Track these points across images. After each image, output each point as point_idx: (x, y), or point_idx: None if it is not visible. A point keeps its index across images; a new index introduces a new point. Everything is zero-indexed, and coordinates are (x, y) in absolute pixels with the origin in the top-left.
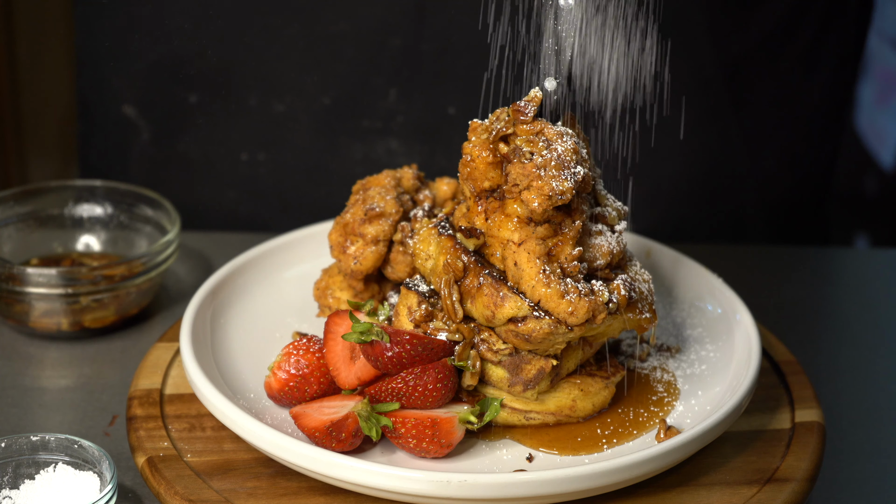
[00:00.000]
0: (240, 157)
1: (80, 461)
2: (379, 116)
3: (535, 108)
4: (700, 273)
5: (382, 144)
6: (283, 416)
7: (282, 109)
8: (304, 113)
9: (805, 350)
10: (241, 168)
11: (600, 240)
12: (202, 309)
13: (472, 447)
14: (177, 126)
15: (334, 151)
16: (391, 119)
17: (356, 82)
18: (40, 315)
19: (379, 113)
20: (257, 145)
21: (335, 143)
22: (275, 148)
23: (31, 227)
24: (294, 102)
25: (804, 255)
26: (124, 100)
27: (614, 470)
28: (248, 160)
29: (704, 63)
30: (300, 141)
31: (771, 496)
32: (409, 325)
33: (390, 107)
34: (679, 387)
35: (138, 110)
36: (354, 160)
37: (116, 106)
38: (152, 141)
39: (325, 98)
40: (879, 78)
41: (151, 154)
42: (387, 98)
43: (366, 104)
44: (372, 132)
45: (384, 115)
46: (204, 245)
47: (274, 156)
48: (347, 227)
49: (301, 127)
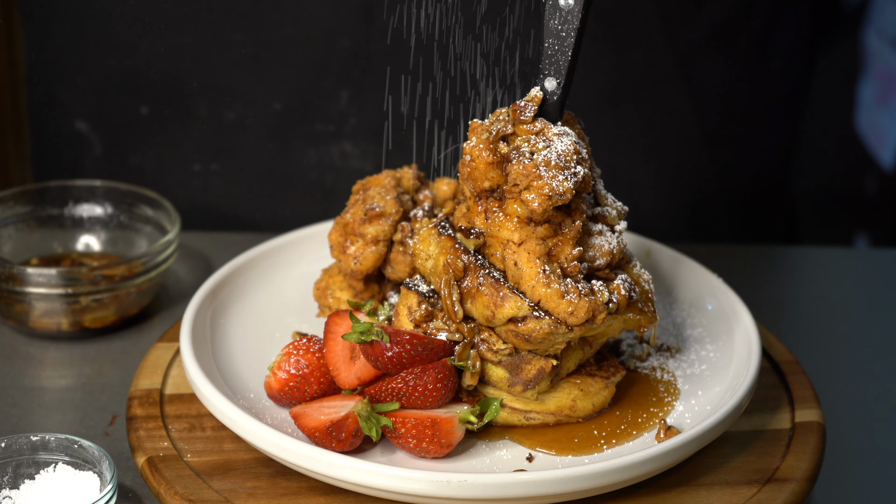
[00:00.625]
0: (192, 167)
1: (80, 461)
2: (331, 119)
3: (535, 108)
4: (700, 273)
5: (336, 147)
6: (283, 416)
7: (232, 117)
8: (255, 119)
9: (805, 350)
10: (194, 179)
11: (600, 240)
12: (202, 309)
13: (472, 447)
14: (128, 139)
15: (288, 157)
16: (344, 122)
17: (306, 86)
18: (40, 315)
19: (331, 116)
20: (209, 155)
21: (288, 148)
22: (227, 156)
23: (31, 227)
24: (244, 109)
25: (804, 255)
26: (76, 115)
27: (614, 470)
28: (201, 170)
29: (657, 55)
30: (252, 148)
31: (771, 496)
32: (409, 325)
33: (342, 109)
34: (679, 387)
35: (90, 125)
36: (308, 164)
37: (69, 121)
38: (104, 155)
39: (276, 103)
40: (879, 78)
41: (104, 168)
42: (338, 101)
43: (317, 108)
44: (325, 136)
45: (336, 118)
46: (204, 245)
47: (227, 164)
48: (347, 227)
49: (253, 134)
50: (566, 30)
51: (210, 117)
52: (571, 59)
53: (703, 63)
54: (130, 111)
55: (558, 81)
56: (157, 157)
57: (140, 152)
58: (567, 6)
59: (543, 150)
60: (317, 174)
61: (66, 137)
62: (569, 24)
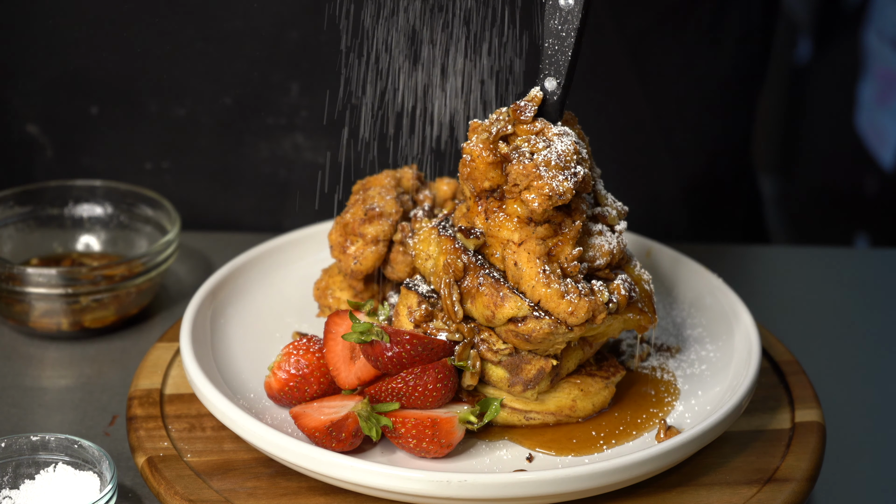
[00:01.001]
0: (144, 166)
1: (80, 461)
2: (283, 112)
3: (535, 108)
4: (700, 273)
5: (288, 140)
6: (283, 416)
7: (183, 114)
8: (206, 115)
9: (805, 350)
10: (146, 177)
11: (600, 240)
12: (202, 309)
13: (472, 447)
14: (80, 140)
15: (240, 151)
16: (295, 114)
17: (256, 80)
18: (40, 315)
19: (282, 109)
20: (161, 153)
21: (240, 142)
22: (179, 153)
23: (31, 227)
24: (195, 106)
25: (804, 255)
26: (26, 118)
27: (614, 470)
28: (153, 168)
29: (607, 39)
30: (204, 144)
31: (771, 496)
32: (409, 325)
33: (293, 102)
34: (679, 387)
35: (40, 128)
36: (261, 158)
37: (19, 125)
38: (56, 157)
39: (227, 98)
40: (879, 78)
41: (56, 170)
42: (289, 93)
43: (268, 101)
44: (277, 129)
45: (288, 111)
46: (204, 245)
47: (178, 161)
48: (347, 227)
49: (204, 129)
50: (566, 30)
51: (160, 115)
52: (571, 59)
53: (653, 49)
54: (81, 112)
55: (558, 81)
56: (109, 156)
57: (92, 153)
58: (567, 6)
59: (543, 150)
60: (270, 167)
61: (17, 141)
62: (569, 24)
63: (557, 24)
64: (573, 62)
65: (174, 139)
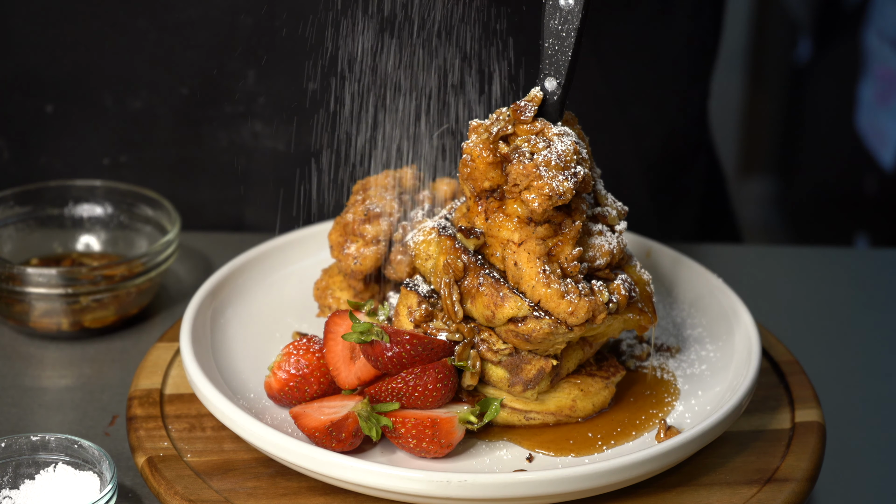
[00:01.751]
0: (101, 162)
1: (80, 461)
2: (240, 100)
3: (535, 108)
4: (700, 273)
5: (247, 128)
6: (283, 416)
7: (139, 106)
8: (162, 107)
9: (805, 350)
10: (105, 173)
11: (600, 240)
12: (202, 309)
13: (472, 447)
14: (36, 140)
15: (198, 141)
16: (252, 101)
17: (212, 68)
18: (40, 315)
19: (240, 96)
20: (118, 148)
21: (198, 132)
22: (136, 148)
23: (31, 227)
24: (151, 98)
25: (804, 255)
26: None
27: (614, 470)
28: (111, 164)
29: None
30: (162, 136)
31: (771, 496)
32: (409, 325)
33: (250, 89)
34: (679, 387)
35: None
36: (220, 147)
37: None
38: (13, 159)
39: (183, 88)
40: (879, 78)
41: (14, 172)
42: (246, 80)
43: (225, 89)
44: (235, 117)
45: (245, 99)
46: (204, 245)
47: (136, 155)
48: (347, 227)
49: (161, 121)
50: (566, 30)
51: (116, 109)
52: (571, 60)
53: (605, 23)
54: (35, 111)
55: (558, 81)
56: (66, 154)
57: (49, 152)
58: (567, 6)
59: (543, 151)
60: (229, 156)
61: None
62: (569, 24)
63: (557, 24)
64: (573, 62)
65: (131, 133)
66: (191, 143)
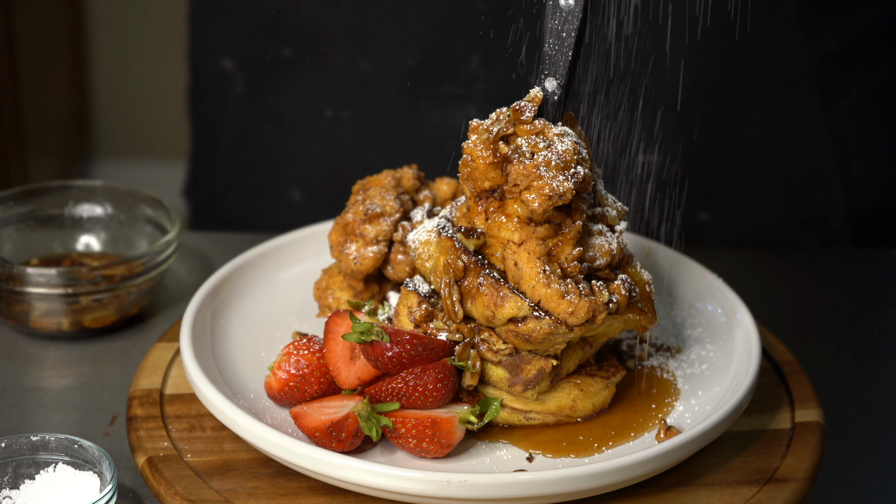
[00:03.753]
0: (324, 113)
1: (80, 461)
2: (459, 81)
3: (535, 108)
4: (700, 273)
5: (461, 111)
6: (283, 416)
7: (367, 67)
8: (388, 73)
9: (805, 350)
10: (325, 124)
11: (600, 240)
12: (202, 309)
13: (472, 447)
14: (269, 80)
15: (415, 115)
16: (471, 85)
17: (439, 45)
18: (40, 315)
19: (460, 78)
20: (342, 103)
21: (416, 105)
22: (358, 107)
23: (31, 227)
24: (379, 61)
25: (804, 256)
26: (223, 54)
27: (614, 470)
28: (332, 117)
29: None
30: (383, 102)
31: (771, 496)
32: (409, 325)
33: (472, 72)
34: (679, 387)
35: (235, 64)
36: (432, 125)
37: (215, 60)
38: (244, 93)
39: (410, 59)
40: None
41: (244, 106)
42: (469, 63)
43: (448, 68)
44: (451, 97)
45: (465, 81)
46: (204, 245)
47: (357, 114)
48: (347, 227)
49: (385, 87)
50: (566, 30)
51: (346, 65)
52: (571, 60)
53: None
54: (274, 53)
55: (558, 81)
56: (293, 97)
57: (279, 93)
58: (567, 6)
59: (544, 151)
60: (439, 136)
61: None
62: (569, 25)
63: (557, 24)
64: (573, 63)
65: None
66: (407, 114)
